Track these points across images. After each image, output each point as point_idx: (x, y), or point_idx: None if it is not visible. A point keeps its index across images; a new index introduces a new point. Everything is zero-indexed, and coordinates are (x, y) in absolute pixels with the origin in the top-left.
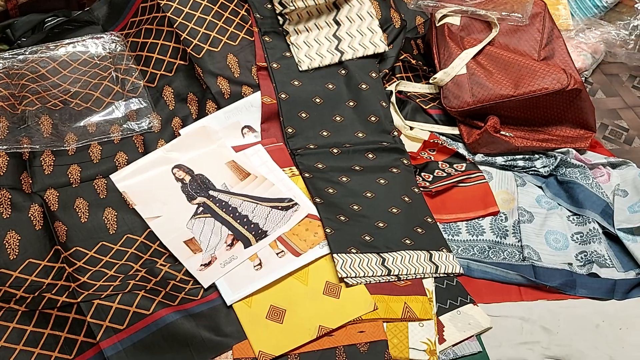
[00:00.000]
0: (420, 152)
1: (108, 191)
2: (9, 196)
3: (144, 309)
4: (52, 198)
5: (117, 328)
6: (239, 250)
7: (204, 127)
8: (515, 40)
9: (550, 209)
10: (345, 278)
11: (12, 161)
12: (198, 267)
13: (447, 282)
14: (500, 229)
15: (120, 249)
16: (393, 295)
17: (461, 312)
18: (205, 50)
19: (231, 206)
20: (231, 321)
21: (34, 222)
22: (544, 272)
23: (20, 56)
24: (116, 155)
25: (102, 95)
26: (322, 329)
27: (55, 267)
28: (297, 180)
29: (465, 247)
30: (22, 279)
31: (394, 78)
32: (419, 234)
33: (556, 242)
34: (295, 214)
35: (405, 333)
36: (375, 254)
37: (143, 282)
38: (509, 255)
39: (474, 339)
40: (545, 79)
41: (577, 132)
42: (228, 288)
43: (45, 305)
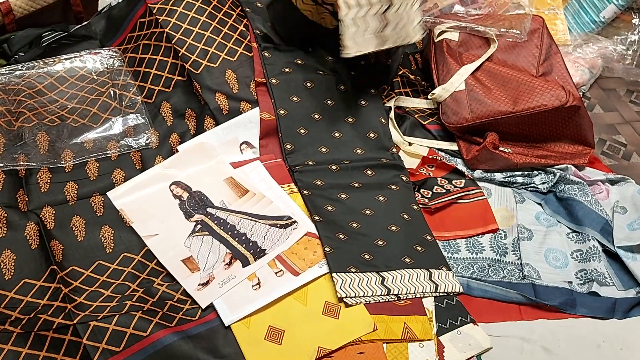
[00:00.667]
0: (419, 169)
1: (105, 209)
2: (4, 214)
3: (141, 330)
4: (48, 216)
5: (114, 350)
6: (237, 269)
7: (202, 144)
8: (513, 56)
9: (549, 226)
10: (344, 298)
11: (8, 179)
12: (196, 286)
13: (447, 302)
14: (499, 247)
15: (117, 268)
16: (393, 315)
17: (461, 332)
18: (204, 66)
19: (229, 224)
20: (229, 342)
21: (30, 241)
22: (544, 291)
23: (17, 72)
24: (113, 172)
25: (99, 111)
26: (321, 350)
27: (52, 288)
28: (295, 197)
29: (465, 265)
30: (17, 299)
31: (392, 93)
32: (419, 252)
33: (556, 260)
34: (294, 232)
35: (405, 354)
36: (374, 273)
37: (140, 303)
38: (508, 273)
39: (475, 359)
40: (543, 95)
41: (575, 148)
42: (226, 308)
43: (41, 327)
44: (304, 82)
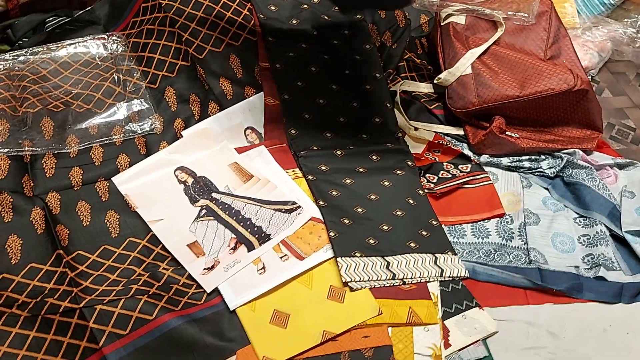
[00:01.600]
0: (425, 153)
1: (110, 194)
2: (10, 200)
3: (147, 314)
4: (53, 201)
5: (120, 333)
6: (242, 253)
7: (206, 129)
8: (521, 39)
9: (556, 211)
10: (349, 282)
11: (14, 164)
12: (201, 271)
13: (452, 286)
14: (506, 232)
15: (123, 253)
16: (398, 300)
17: (467, 316)
18: (208, 50)
19: (234, 209)
20: (235, 326)
21: (36, 225)
22: (551, 275)
23: (21, 57)
24: (118, 158)
25: (103, 96)
26: (326, 334)
27: (58, 272)
28: (300, 183)
29: (471, 250)
30: (24, 283)
31: (398, 78)
32: (424, 236)
33: (563, 245)
34: (299, 217)
35: (411, 338)
36: (379, 257)
37: (146, 287)
38: (514, 258)
39: (480, 343)
40: (551, 79)
41: (583, 132)
42: (231, 292)
43: (48, 310)
44: (309, 66)
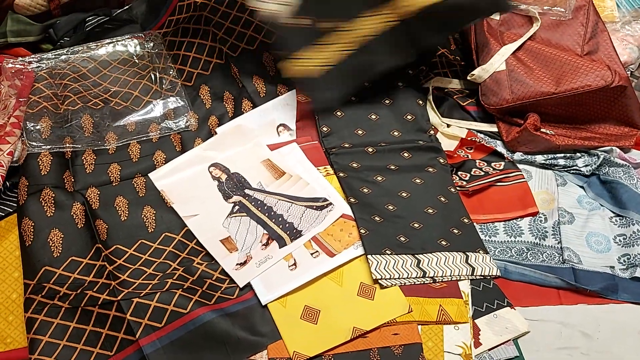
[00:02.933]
0: (457, 151)
1: (147, 189)
2: (52, 195)
3: (182, 307)
4: (93, 196)
5: (156, 326)
6: (274, 249)
7: (239, 126)
8: (557, 34)
9: (592, 210)
10: (379, 280)
11: (55, 160)
12: (234, 266)
13: (483, 285)
14: (539, 230)
15: (159, 247)
16: (428, 298)
17: (498, 315)
18: (241, 48)
19: (266, 205)
20: (266, 321)
21: (76, 220)
22: (585, 275)
23: (62, 56)
24: (154, 154)
25: (140, 94)
26: (356, 331)
27: (97, 265)
28: (331, 180)
29: (503, 248)
30: (65, 276)
31: (430, 74)
32: (455, 235)
33: (598, 245)
34: (330, 214)
35: (440, 336)
36: (410, 255)
37: (180, 281)
38: (548, 257)
39: (511, 343)
40: (588, 75)
41: (621, 129)
42: (263, 288)
43: (87, 302)
44: None
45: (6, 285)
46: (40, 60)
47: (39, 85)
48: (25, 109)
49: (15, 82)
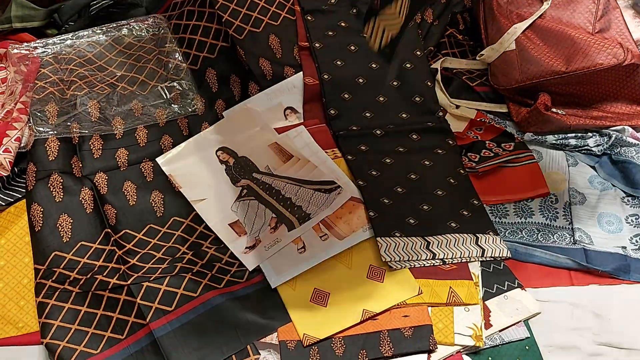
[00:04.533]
0: (467, 132)
1: (155, 174)
2: (60, 180)
3: (191, 291)
4: (101, 181)
5: (166, 310)
6: (282, 233)
7: (246, 109)
8: (568, 12)
9: (603, 190)
10: (389, 262)
11: (63, 146)
12: (243, 249)
13: (493, 266)
14: (550, 211)
15: (168, 232)
16: (438, 280)
17: (508, 297)
18: (247, 31)
19: (275, 189)
20: (276, 304)
21: (85, 205)
22: (596, 256)
23: (67, 41)
24: (162, 139)
25: (146, 78)
26: (366, 313)
27: (106, 250)
28: (339, 163)
29: (513, 229)
30: (74, 261)
31: (439, 55)
32: (465, 216)
33: (609, 225)
34: (339, 197)
35: (451, 318)
36: (419, 237)
37: (190, 265)
38: (559, 238)
39: (522, 324)
40: (599, 54)
41: (633, 108)
42: (272, 271)
43: (98, 287)
44: (348, 45)
45: (17, 270)
46: (46, 45)
47: (44, 71)
48: (31, 95)
49: (21, 68)
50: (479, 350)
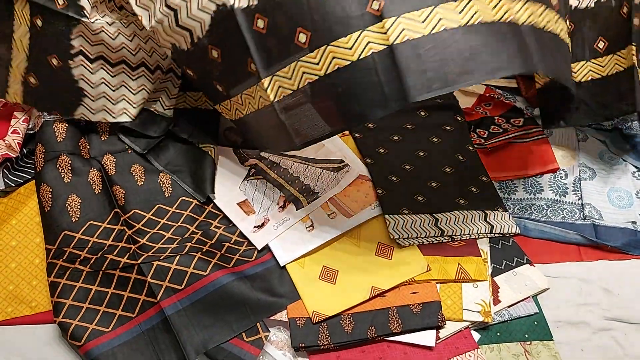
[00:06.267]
0: (475, 107)
1: None
2: (69, 161)
3: (201, 270)
4: (109, 163)
5: (176, 288)
6: (291, 211)
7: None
8: None
9: (614, 165)
10: (397, 239)
11: (71, 127)
12: (251, 229)
13: (502, 243)
14: (559, 187)
15: (176, 212)
16: (446, 256)
17: (517, 272)
18: None
19: (282, 167)
20: (285, 282)
21: (94, 186)
22: (606, 231)
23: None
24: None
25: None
26: (374, 290)
27: (115, 229)
28: (347, 141)
29: (522, 206)
30: (84, 240)
31: None
32: (474, 193)
33: (620, 200)
34: (346, 175)
35: (459, 294)
36: (428, 214)
37: (199, 245)
38: (568, 214)
39: (530, 300)
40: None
41: None
42: (281, 249)
43: (108, 266)
44: None
45: (29, 250)
46: None
47: None
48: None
49: None
50: (488, 326)
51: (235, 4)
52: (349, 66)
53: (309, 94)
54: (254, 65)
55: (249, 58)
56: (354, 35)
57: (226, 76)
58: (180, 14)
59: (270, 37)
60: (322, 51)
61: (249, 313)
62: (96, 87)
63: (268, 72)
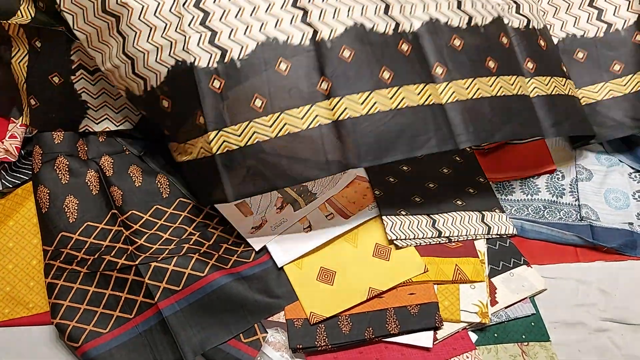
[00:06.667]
0: None
1: None
2: (66, 162)
3: (199, 271)
4: (107, 164)
5: (174, 289)
6: (288, 213)
7: None
8: None
9: (610, 166)
10: (395, 240)
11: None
12: (249, 230)
13: (499, 244)
14: (556, 188)
15: (174, 213)
16: (444, 257)
17: (514, 273)
18: None
19: None
20: (282, 283)
21: (91, 187)
22: (603, 232)
23: None
24: None
25: None
26: (372, 291)
27: (113, 230)
28: None
29: (519, 207)
30: (81, 241)
31: None
32: (471, 194)
33: (616, 201)
34: (344, 176)
35: (457, 295)
36: (425, 215)
37: (197, 246)
38: (565, 215)
39: (528, 301)
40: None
41: None
42: (279, 250)
43: (105, 267)
44: None
45: (26, 252)
46: None
47: None
48: None
49: None
50: (485, 327)
51: (195, 63)
52: (299, 133)
53: (256, 151)
54: (202, 118)
55: (199, 112)
56: (305, 108)
57: (174, 125)
58: (137, 63)
59: (226, 97)
60: (276, 117)
61: (247, 314)
62: (98, 97)
63: (216, 127)
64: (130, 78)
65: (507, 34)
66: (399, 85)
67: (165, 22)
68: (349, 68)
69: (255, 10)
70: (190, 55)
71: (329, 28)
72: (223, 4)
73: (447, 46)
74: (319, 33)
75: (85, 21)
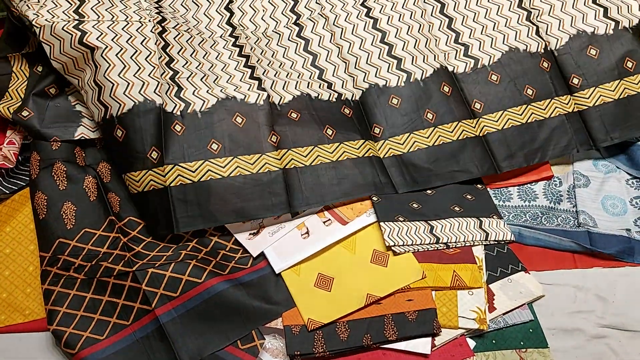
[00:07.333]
0: None
1: None
2: (64, 169)
3: (196, 277)
4: (104, 171)
5: (171, 295)
6: (286, 219)
7: None
8: None
9: (608, 173)
10: (392, 246)
11: None
12: (247, 236)
13: (497, 250)
14: (554, 194)
15: None
16: (442, 264)
17: (512, 280)
18: None
19: None
20: (280, 289)
21: (89, 193)
22: (600, 239)
23: None
24: None
25: None
26: (370, 297)
27: (110, 237)
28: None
29: (517, 213)
30: (79, 247)
31: None
32: (469, 200)
33: (614, 208)
34: None
35: (455, 301)
36: (423, 221)
37: (194, 252)
38: (563, 221)
39: (526, 307)
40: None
41: None
42: (276, 257)
43: (103, 273)
44: None
45: (23, 258)
46: None
47: None
48: None
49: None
50: (483, 334)
51: (163, 106)
52: (250, 175)
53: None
54: (156, 153)
55: (154, 147)
56: (257, 156)
57: (122, 154)
58: (104, 91)
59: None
60: (230, 159)
61: (244, 320)
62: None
63: (172, 161)
64: (95, 104)
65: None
66: (339, 142)
67: (139, 67)
68: (296, 125)
69: (217, 79)
70: (160, 97)
71: (279, 96)
72: (191, 68)
73: (387, 105)
74: (271, 97)
75: (62, 52)
